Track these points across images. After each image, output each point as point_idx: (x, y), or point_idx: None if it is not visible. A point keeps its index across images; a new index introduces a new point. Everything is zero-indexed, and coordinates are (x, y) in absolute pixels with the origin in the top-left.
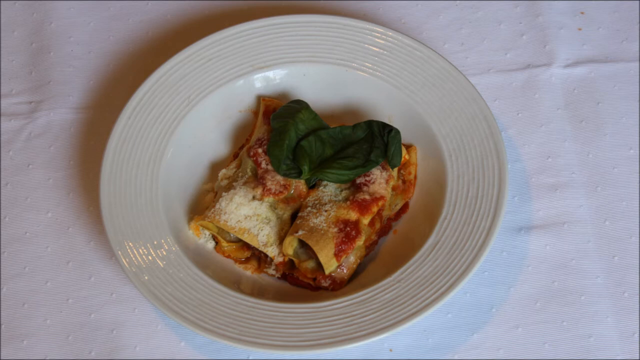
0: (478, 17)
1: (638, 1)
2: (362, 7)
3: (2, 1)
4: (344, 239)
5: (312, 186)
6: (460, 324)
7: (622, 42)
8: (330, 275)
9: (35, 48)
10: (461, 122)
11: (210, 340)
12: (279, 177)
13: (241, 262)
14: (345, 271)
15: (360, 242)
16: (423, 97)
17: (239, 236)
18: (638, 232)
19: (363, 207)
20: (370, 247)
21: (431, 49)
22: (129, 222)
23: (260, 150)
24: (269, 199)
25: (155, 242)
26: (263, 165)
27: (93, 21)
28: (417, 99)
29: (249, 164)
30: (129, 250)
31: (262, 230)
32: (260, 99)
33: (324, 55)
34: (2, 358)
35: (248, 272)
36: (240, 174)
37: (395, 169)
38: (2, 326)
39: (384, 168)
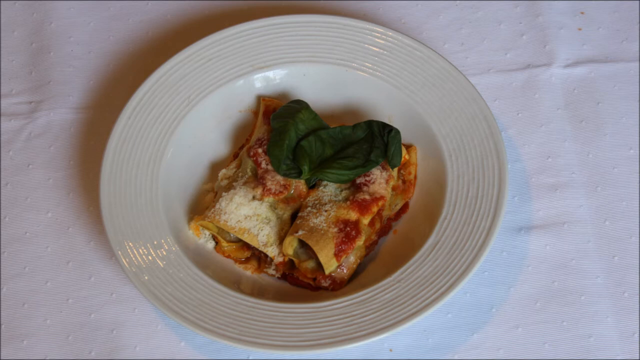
0: (478, 17)
1: (638, 1)
2: (362, 7)
3: (2, 1)
4: (344, 239)
5: (312, 186)
6: (460, 324)
7: (622, 42)
8: (330, 275)
9: (35, 48)
10: (461, 122)
11: (210, 340)
12: (279, 177)
13: (241, 262)
14: (345, 271)
15: (360, 242)
16: (423, 97)
17: (239, 236)
18: (638, 232)
19: (363, 207)
20: (370, 247)
21: (431, 49)
22: (129, 222)
23: (260, 150)
24: (269, 199)
25: (155, 242)
26: (263, 165)
27: (93, 21)
28: (417, 99)
29: (249, 164)
30: (129, 250)
31: (262, 230)
32: (260, 99)
33: (324, 55)
34: (2, 358)
35: (248, 272)
36: (240, 174)
37: (395, 169)
38: (2, 326)
39: (384, 168)
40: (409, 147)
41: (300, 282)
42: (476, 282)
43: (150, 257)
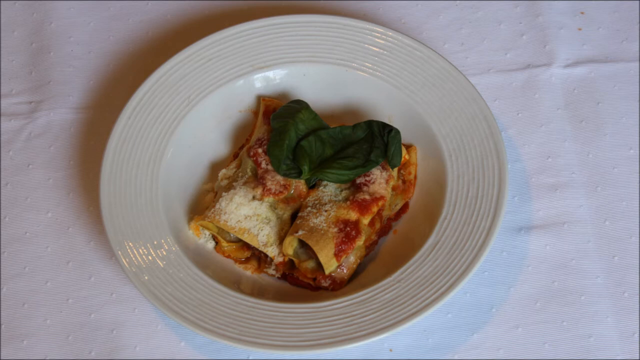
0: (478, 17)
1: (638, 1)
2: (362, 7)
3: (2, 1)
4: (344, 239)
5: (312, 186)
6: (460, 324)
7: (622, 42)
8: (330, 275)
9: (35, 48)
10: (461, 122)
11: (210, 340)
12: (279, 177)
13: (241, 262)
14: (345, 271)
15: (360, 242)
16: (423, 97)
17: (239, 236)
18: (638, 232)
19: (363, 207)
20: (370, 247)
21: (431, 49)
22: (129, 222)
23: (260, 150)
24: (269, 199)
25: (155, 242)
26: (263, 165)
27: (93, 21)
28: (417, 99)
29: (249, 164)
30: (129, 250)
31: (262, 230)
32: (260, 99)
33: (324, 55)
34: (2, 358)
35: (248, 272)
36: (240, 174)
37: (395, 169)
38: (2, 326)
39: (384, 168)
40: (409, 147)
41: (300, 282)
42: (476, 282)
43: (150, 257)
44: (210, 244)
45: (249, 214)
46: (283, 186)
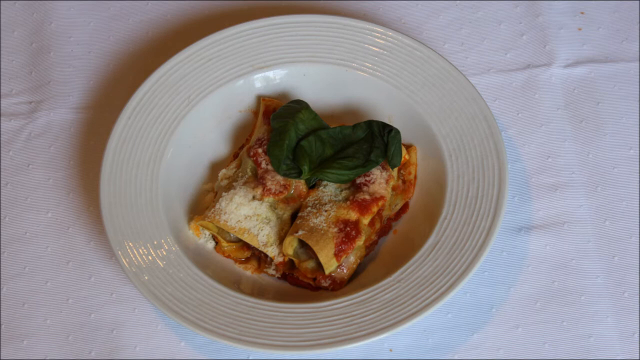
0: (478, 17)
1: (638, 1)
2: (362, 7)
3: (2, 1)
4: (344, 239)
5: (312, 186)
6: (460, 324)
7: (622, 42)
8: (330, 275)
9: (35, 48)
10: (461, 122)
11: (210, 340)
12: (279, 177)
13: (241, 262)
14: (345, 271)
15: (360, 242)
16: (423, 97)
17: (239, 236)
18: (638, 232)
19: (363, 207)
20: (370, 247)
21: (431, 49)
22: (129, 222)
23: (260, 150)
24: (269, 199)
25: (155, 242)
26: (263, 165)
27: (93, 21)
28: (417, 99)
29: (249, 164)
30: (129, 250)
31: (262, 230)
32: (260, 99)
33: (324, 55)
34: (2, 358)
35: (248, 272)
36: (240, 174)
37: (395, 169)
38: (2, 326)
39: (384, 168)
40: (409, 147)
41: (300, 282)
42: (476, 282)
43: (150, 257)
44: (210, 244)
45: (249, 214)
46: (283, 186)
